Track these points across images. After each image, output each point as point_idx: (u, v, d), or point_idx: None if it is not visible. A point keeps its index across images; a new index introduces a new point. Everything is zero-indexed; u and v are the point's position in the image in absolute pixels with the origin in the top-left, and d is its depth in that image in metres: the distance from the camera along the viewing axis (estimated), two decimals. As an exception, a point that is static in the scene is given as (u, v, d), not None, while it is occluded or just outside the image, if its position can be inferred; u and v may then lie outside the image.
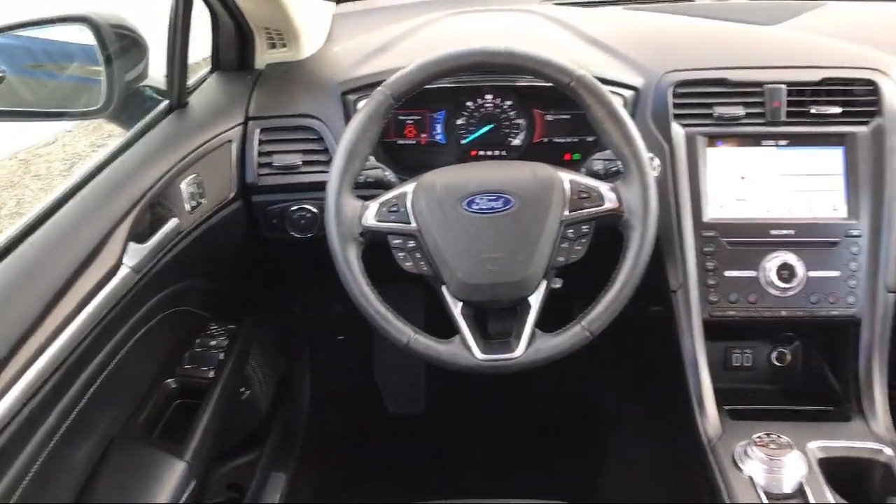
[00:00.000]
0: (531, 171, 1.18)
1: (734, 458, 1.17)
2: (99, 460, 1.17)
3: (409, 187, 1.18)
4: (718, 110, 1.34)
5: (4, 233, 1.06)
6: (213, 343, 1.52)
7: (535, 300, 1.14)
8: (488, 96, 1.43)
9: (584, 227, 1.15)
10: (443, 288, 1.16)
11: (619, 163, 1.17)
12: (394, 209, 1.16)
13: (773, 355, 1.43)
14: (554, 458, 1.95)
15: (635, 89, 1.38)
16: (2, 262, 1.01)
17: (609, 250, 1.14)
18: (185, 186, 1.28)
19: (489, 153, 1.45)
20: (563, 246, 1.14)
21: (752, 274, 1.31)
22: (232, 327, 1.58)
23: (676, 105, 1.35)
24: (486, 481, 1.91)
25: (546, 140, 1.44)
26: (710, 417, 1.27)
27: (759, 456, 1.13)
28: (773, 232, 1.31)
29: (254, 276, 1.74)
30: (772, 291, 1.30)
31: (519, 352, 1.12)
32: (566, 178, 1.16)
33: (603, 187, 1.16)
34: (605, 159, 1.31)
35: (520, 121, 1.43)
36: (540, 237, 1.13)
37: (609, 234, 1.15)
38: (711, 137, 1.35)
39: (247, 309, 1.68)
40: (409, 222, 1.15)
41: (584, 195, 1.15)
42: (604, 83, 1.17)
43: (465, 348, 1.13)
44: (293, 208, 1.42)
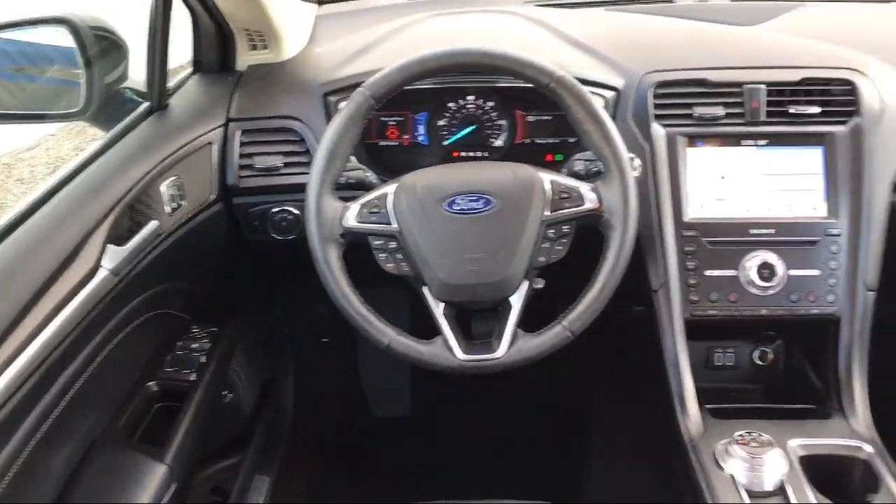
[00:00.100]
0: (512, 171, 1.18)
1: (715, 456, 1.18)
2: (79, 464, 1.16)
3: (390, 188, 1.18)
4: (698, 110, 1.35)
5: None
6: (194, 346, 1.51)
7: (517, 300, 1.14)
8: (470, 97, 1.43)
9: (565, 227, 1.15)
10: (424, 289, 1.15)
11: (600, 163, 1.17)
12: (375, 210, 1.16)
13: (755, 354, 1.44)
14: (538, 458, 1.95)
15: (616, 90, 1.39)
16: None
17: (591, 250, 1.15)
18: (166, 188, 1.27)
19: (471, 154, 1.45)
20: (543, 246, 1.15)
21: (733, 273, 1.31)
22: (214, 330, 1.57)
23: (657, 105, 1.36)
24: (471, 482, 1.91)
25: (528, 141, 1.44)
26: (691, 416, 1.27)
27: (740, 454, 1.13)
28: (753, 231, 1.32)
29: (235, 279, 1.73)
30: (752, 290, 1.31)
31: (500, 352, 1.12)
32: (547, 178, 1.17)
33: (583, 187, 1.16)
34: (586, 160, 1.31)
35: (502, 122, 1.44)
36: (521, 237, 1.13)
37: (591, 235, 1.16)
38: (692, 137, 1.36)
39: (229, 311, 1.67)
40: (390, 223, 1.15)
41: (565, 195, 1.15)
42: (584, 84, 1.17)
43: (447, 349, 1.13)
44: (274, 210, 1.42)
